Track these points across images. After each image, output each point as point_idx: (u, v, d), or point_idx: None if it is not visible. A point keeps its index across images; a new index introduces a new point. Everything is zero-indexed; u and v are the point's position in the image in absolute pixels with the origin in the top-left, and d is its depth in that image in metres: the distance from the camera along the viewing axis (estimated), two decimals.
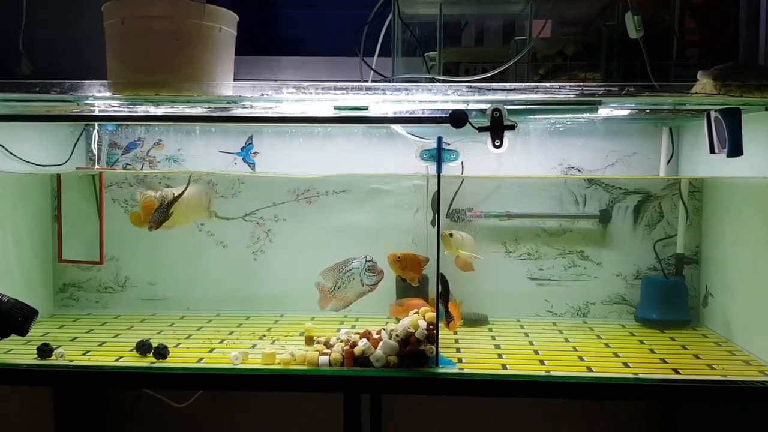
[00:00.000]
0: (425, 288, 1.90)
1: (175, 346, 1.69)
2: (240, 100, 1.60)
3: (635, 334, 1.86)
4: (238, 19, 1.62)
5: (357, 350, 1.54)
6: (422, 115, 1.69)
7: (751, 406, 1.74)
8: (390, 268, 1.71)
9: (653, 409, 2.15)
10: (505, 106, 1.51)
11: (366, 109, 1.61)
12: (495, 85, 1.50)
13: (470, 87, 1.50)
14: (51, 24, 2.06)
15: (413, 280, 1.70)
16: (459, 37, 1.88)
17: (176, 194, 1.80)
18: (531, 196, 2.02)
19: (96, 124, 2.03)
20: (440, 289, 1.60)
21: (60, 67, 2.01)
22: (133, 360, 1.59)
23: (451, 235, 1.77)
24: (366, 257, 1.68)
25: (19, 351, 1.64)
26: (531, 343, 1.76)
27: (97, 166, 2.06)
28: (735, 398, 1.48)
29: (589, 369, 1.53)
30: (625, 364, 1.57)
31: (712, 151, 1.56)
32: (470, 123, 1.49)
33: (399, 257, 1.69)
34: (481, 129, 1.51)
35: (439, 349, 1.54)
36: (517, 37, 1.74)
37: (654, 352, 1.68)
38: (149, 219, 1.77)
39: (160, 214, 1.78)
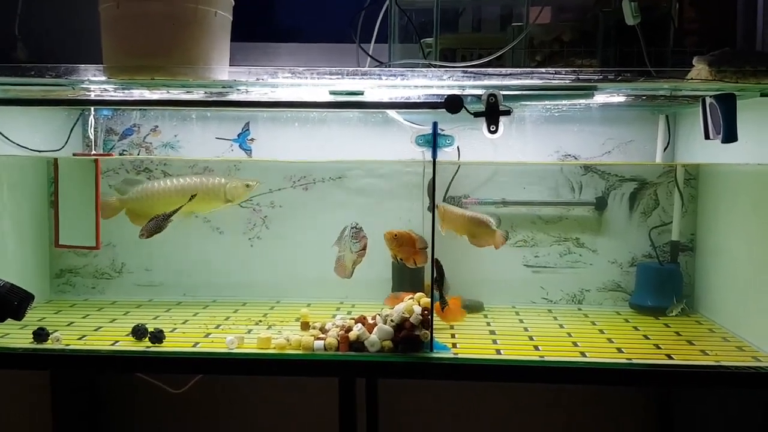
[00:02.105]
0: (420, 275, 1.90)
1: (171, 331, 1.70)
2: (236, 85, 1.60)
3: (630, 320, 1.87)
4: (233, 3, 1.61)
5: (352, 335, 1.54)
6: (417, 101, 1.69)
7: (745, 393, 1.75)
8: (387, 248, 1.72)
9: (649, 397, 2.16)
10: (500, 92, 1.51)
11: (362, 94, 1.60)
12: (491, 70, 1.49)
13: (466, 72, 1.50)
14: (47, 9, 2.05)
15: (408, 260, 1.70)
16: (456, 23, 1.88)
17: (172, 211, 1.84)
18: (527, 183, 2.02)
19: (92, 109, 2.03)
20: (435, 275, 1.60)
21: (56, 52, 1.99)
22: (128, 344, 1.60)
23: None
24: (352, 224, 1.69)
25: (15, 335, 1.65)
26: (526, 329, 1.77)
27: (93, 152, 2.06)
28: (727, 383, 1.49)
29: (583, 354, 1.54)
30: (619, 350, 1.58)
31: (707, 137, 1.56)
32: (466, 108, 1.48)
33: (396, 235, 1.70)
34: (476, 114, 1.51)
35: (434, 335, 1.54)
36: (514, 23, 1.74)
37: (648, 338, 1.68)
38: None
39: (155, 225, 1.80)
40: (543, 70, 1.50)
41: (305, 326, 1.73)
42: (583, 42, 1.70)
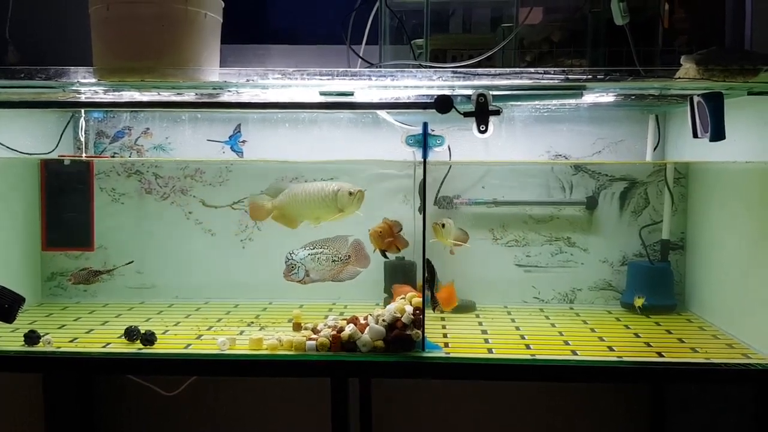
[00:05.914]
0: (412, 275, 1.90)
1: (163, 333, 1.69)
2: (226, 86, 1.60)
3: (621, 319, 1.87)
4: (223, 5, 1.62)
5: (344, 335, 1.54)
6: (407, 101, 1.69)
7: (735, 390, 1.75)
8: (373, 245, 1.74)
9: (641, 396, 2.16)
10: (490, 92, 1.51)
11: (352, 94, 1.61)
12: (480, 71, 1.50)
13: (456, 72, 1.50)
14: (38, 12, 2.05)
15: (390, 247, 1.72)
16: (447, 24, 1.89)
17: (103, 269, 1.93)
18: (518, 183, 2.03)
19: (83, 111, 2.03)
20: (426, 275, 1.61)
21: (48, 55, 1.99)
22: (120, 346, 1.59)
23: (443, 225, 1.79)
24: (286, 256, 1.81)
25: (6, 338, 1.64)
26: (517, 328, 1.77)
27: (84, 155, 2.05)
28: (717, 380, 1.50)
29: (574, 353, 1.54)
30: (610, 348, 1.58)
31: (695, 135, 1.57)
32: (455, 108, 1.49)
33: (380, 231, 1.72)
34: (466, 114, 1.51)
35: (426, 334, 1.54)
36: (504, 24, 1.75)
37: (639, 337, 1.69)
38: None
39: (85, 276, 1.88)
40: (532, 70, 1.50)
41: (297, 327, 1.73)
42: (572, 42, 1.70)
